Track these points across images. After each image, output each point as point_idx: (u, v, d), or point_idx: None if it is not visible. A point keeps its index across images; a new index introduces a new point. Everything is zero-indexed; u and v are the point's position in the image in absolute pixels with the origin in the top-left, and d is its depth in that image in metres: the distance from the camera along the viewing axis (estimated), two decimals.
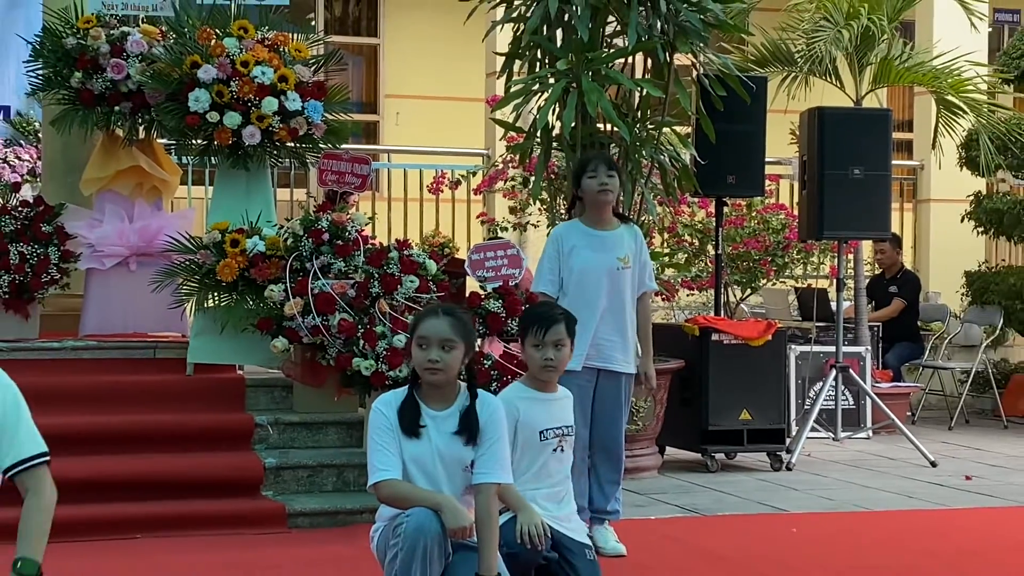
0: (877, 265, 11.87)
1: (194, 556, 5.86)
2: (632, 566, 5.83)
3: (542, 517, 4.54)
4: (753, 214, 10.89)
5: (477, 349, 5.25)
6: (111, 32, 7.50)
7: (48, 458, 3.59)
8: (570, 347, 4.88)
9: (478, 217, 11.29)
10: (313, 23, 13.97)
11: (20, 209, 7.52)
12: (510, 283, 6.98)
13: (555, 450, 4.87)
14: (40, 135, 9.47)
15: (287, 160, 7.65)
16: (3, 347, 7.11)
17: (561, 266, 6.16)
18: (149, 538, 6.15)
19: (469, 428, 4.28)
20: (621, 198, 6.79)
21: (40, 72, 7.70)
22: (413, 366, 4.36)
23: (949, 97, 11.00)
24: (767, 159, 9.13)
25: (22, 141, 11.04)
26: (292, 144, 7.27)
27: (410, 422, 4.27)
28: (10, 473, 3.57)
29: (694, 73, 8.31)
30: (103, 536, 6.13)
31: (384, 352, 6.55)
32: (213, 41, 7.12)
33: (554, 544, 4.88)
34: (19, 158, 10.87)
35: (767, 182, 10.01)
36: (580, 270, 6.12)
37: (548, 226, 9.50)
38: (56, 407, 6.72)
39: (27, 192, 9.60)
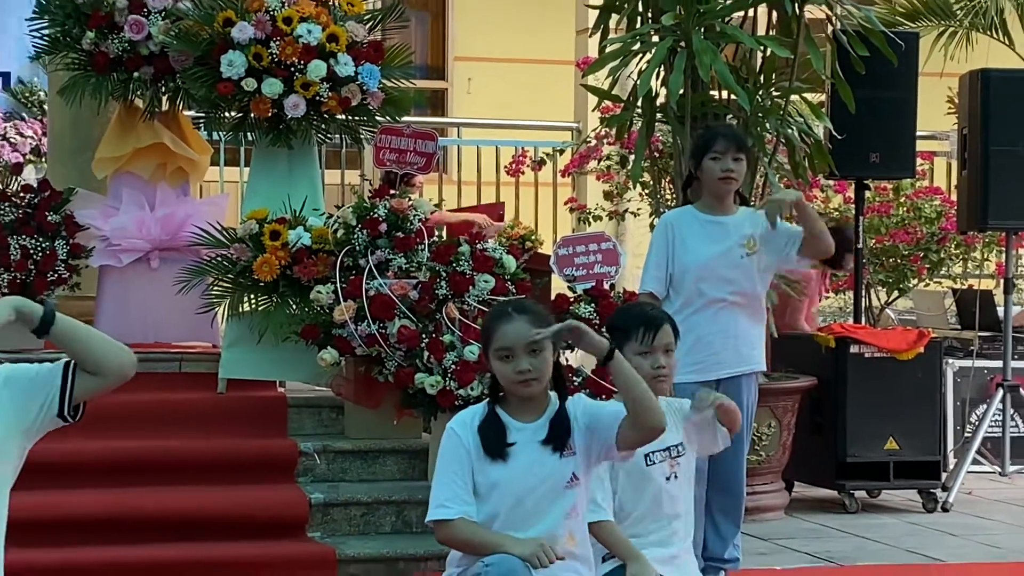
0: None
1: None
2: None
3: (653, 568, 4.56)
4: (902, 200, 10.81)
5: (566, 363, 5.25)
6: None
7: None
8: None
9: (566, 203, 11.30)
10: None
11: (22, 195, 7.63)
12: (605, 283, 6.98)
13: (668, 478, 4.88)
14: (45, 107, 9.60)
15: (337, 136, 7.69)
16: (2, 358, 7.20)
17: (671, 261, 6.17)
18: None
19: (559, 435, 4.29)
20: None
21: (45, 32, 7.80)
22: (493, 379, 4.38)
23: None
24: (919, 133, 9.05)
25: (24, 114, 11.20)
26: (343, 116, 7.33)
27: (496, 442, 4.29)
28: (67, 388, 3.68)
29: (829, 29, 8.27)
30: None
31: (453, 366, 6.58)
32: None
33: None
34: (21, 134, 11.04)
35: (919, 161, 9.92)
36: (697, 265, 6.13)
37: (651, 215, 9.49)
38: (65, 431, 6.82)
39: (30, 175, 9.76)
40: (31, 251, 7.43)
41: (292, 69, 7.09)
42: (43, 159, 9.53)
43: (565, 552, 4.24)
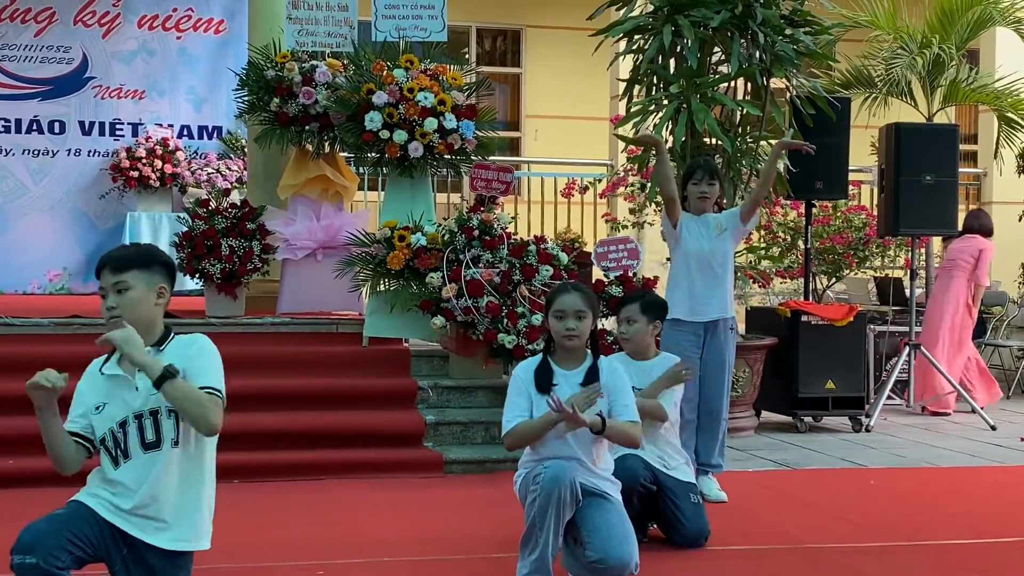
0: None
1: (369, 495, 5.95)
2: (733, 510, 5.78)
3: (649, 460, 4.75)
4: (838, 214, 10.70)
5: (601, 327, 5.23)
6: (303, 65, 7.61)
7: (220, 395, 3.37)
8: (645, 323, 5.10)
9: (603, 217, 11.25)
10: (467, 56, 14.04)
11: (230, 210, 7.68)
12: (629, 272, 6.95)
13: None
14: (246, 150, 9.65)
15: (444, 169, 7.70)
16: (215, 322, 7.27)
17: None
18: (332, 479, 6.27)
19: (590, 382, 4.25)
20: (724, 201, 6.71)
21: (246, 98, 7.84)
22: (548, 335, 4.36)
23: (1009, 114, 11.01)
24: (850, 167, 8.97)
25: (231, 155, 11.27)
26: (449, 156, 7.32)
27: (544, 381, 4.26)
28: None
29: (788, 94, 8.19)
30: (296, 477, 6.26)
31: (524, 329, 6.57)
32: (385, 72, 7.19)
33: (660, 486, 4.88)
34: (229, 168, 11.11)
35: (850, 187, 9.81)
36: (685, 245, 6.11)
37: (663, 225, 9.43)
38: (257, 372, 6.88)
39: (235, 196, 9.83)
40: (236, 249, 7.48)
41: (413, 124, 7.10)
42: (244, 186, 9.57)
43: (590, 471, 4.21)
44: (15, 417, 6.02)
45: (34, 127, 10.87)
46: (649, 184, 8.36)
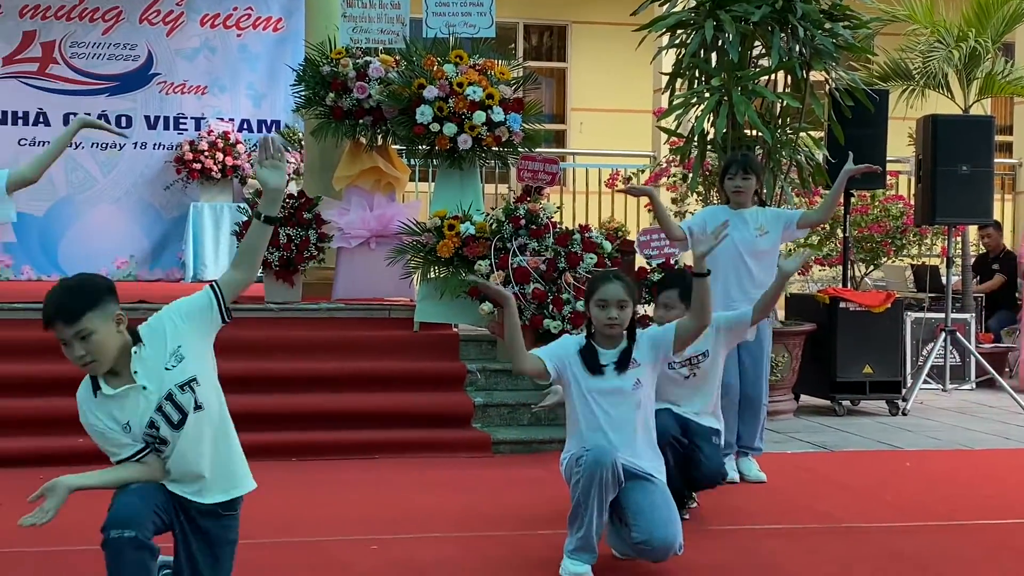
0: (983, 246, 11.47)
1: (420, 473, 5.98)
2: (772, 491, 5.74)
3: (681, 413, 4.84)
4: (876, 203, 10.60)
5: (642, 313, 5.18)
6: (357, 61, 7.62)
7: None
8: (683, 310, 4.86)
9: (646, 207, 11.20)
10: (514, 51, 14.02)
11: (287, 201, 7.71)
12: (671, 260, 6.91)
13: (687, 377, 5.00)
14: (303, 143, 9.70)
15: (492, 161, 7.69)
16: (274, 307, 7.32)
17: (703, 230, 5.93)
18: (384, 458, 6.30)
19: (624, 361, 4.22)
20: (764, 191, 6.65)
21: (302, 93, 7.86)
22: (589, 320, 4.31)
23: None
24: (888, 158, 8.87)
25: (289, 148, 11.33)
26: (496, 148, 7.31)
27: (593, 363, 4.23)
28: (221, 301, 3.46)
29: (827, 87, 8.12)
30: (350, 456, 6.30)
31: (569, 315, 6.56)
32: (436, 67, 7.19)
33: (685, 430, 4.86)
34: (287, 161, 11.18)
35: (888, 177, 9.71)
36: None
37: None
38: (313, 355, 6.92)
39: (292, 187, 9.86)
40: (293, 237, 7.52)
41: (463, 117, 7.09)
42: (301, 177, 9.62)
43: (631, 439, 4.18)
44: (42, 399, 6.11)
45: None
46: (691, 175, 8.31)
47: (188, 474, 3.39)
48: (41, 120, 10.83)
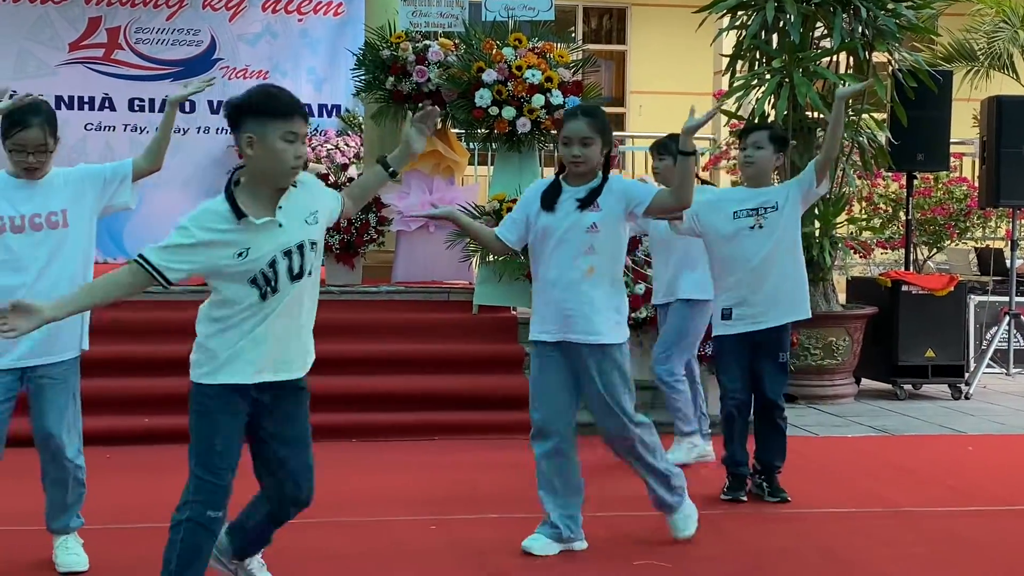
0: None
1: (478, 454, 6.02)
2: (832, 475, 5.72)
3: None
4: (939, 186, 10.48)
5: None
6: (416, 45, 7.64)
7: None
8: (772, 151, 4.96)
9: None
10: (573, 34, 13.98)
11: (348, 184, 7.77)
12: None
13: (752, 228, 4.91)
14: (363, 127, 9.75)
15: (551, 144, 7.69)
16: (334, 290, 7.39)
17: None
18: (443, 439, 6.35)
19: (589, 200, 4.09)
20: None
21: (362, 77, 7.91)
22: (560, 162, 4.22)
23: None
24: (952, 140, 8.77)
25: (349, 132, 11.40)
26: (555, 132, 7.31)
27: (550, 199, 4.13)
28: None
29: (889, 68, 8.03)
30: (409, 437, 6.36)
31: (627, 297, 6.53)
32: (494, 50, 7.21)
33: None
34: (347, 145, 11.24)
35: (951, 159, 9.60)
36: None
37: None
38: (373, 338, 6.99)
39: (353, 171, 9.93)
40: (353, 221, 7.56)
41: (522, 100, 7.11)
42: (361, 161, 9.68)
43: (583, 281, 4.09)
44: (151, 378, 6.22)
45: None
46: None
47: (283, 338, 3.31)
48: (107, 105, 10.98)
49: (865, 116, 7.83)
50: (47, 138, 3.90)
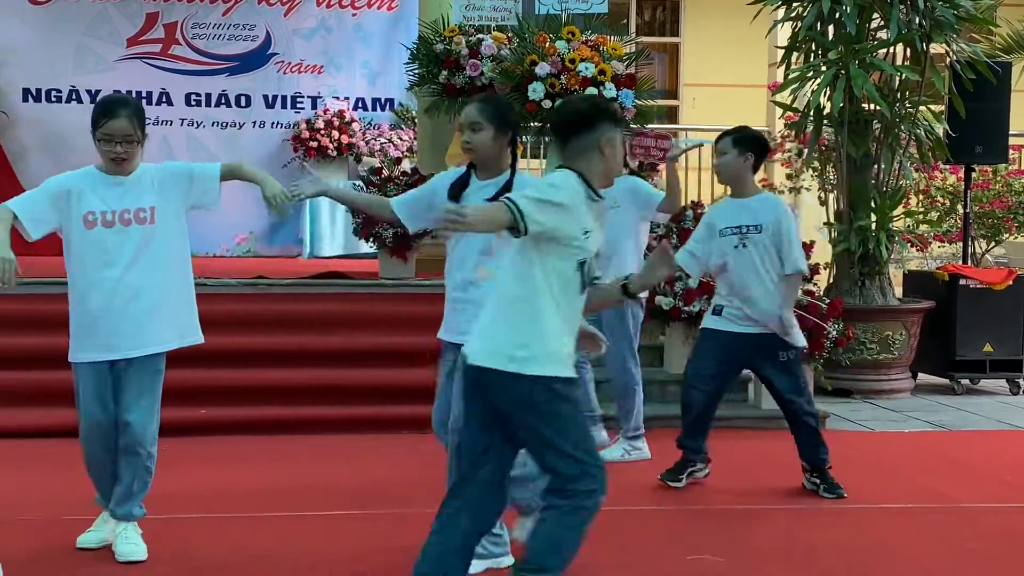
0: None
1: None
2: (888, 470, 5.68)
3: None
4: (998, 179, 10.32)
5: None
6: (469, 39, 7.66)
7: None
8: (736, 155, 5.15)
9: (759, 182, 11.06)
10: (626, 26, 13.94)
11: (401, 177, 7.82)
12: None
13: (736, 247, 5.02)
14: (416, 121, 9.80)
15: None
16: (387, 283, 7.43)
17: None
18: None
19: (497, 196, 3.87)
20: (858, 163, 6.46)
21: (416, 71, 7.94)
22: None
23: None
24: (1011, 132, 8.65)
25: (403, 125, 11.46)
26: None
27: (456, 189, 4.08)
28: None
29: (947, 59, 7.93)
30: None
31: (681, 291, 6.54)
32: (547, 44, 7.21)
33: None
34: (401, 138, 11.31)
35: (1011, 151, 9.46)
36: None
37: (819, 190, 9.25)
38: (428, 330, 6.99)
39: (406, 165, 9.98)
40: None
41: (575, 94, 7.10)
42: (414, 154, 9.73)
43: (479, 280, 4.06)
44: (205, 370, 6.30)
45: (222, 101, 11.24)
46: (806, 150, 8.21)
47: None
48: (164, 100, 11.14)
49: (923, 108, 7.75)
50: (134, 129, 4.06)
